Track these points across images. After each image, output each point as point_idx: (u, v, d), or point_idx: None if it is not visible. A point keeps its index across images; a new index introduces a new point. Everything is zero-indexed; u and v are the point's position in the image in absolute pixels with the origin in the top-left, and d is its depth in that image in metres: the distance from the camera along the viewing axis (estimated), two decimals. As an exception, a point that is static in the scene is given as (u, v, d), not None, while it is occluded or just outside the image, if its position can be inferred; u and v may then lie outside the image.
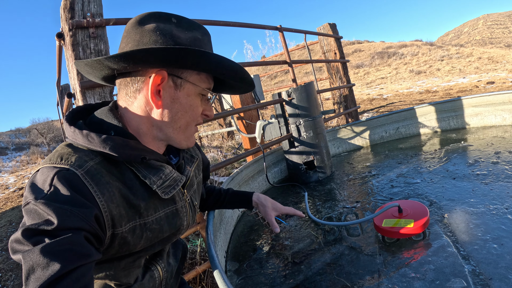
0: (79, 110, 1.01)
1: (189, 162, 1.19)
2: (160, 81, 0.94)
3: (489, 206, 1.71)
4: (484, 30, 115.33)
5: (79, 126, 0.91)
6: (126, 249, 0.93)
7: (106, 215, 0.83)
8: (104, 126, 0.94)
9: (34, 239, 0.71)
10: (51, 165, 0.82)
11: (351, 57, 34.19)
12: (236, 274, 1.64)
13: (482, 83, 12.92)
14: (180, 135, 1.02)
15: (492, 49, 30.16)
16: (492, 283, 1.16)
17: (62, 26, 2.16)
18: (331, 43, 5.86)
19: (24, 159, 19.16)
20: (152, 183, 0.95)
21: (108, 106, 0.99)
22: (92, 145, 0.87)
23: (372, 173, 2.74)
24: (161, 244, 1.07)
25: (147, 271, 1.09)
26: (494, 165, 2.26)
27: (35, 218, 0.73)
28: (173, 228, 1.07)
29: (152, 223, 0.97)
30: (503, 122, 3.34)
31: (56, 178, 0.79)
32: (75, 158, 0.84)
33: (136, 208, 0.92)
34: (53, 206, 0.74)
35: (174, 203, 1.06)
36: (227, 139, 8.40)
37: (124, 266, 0.98)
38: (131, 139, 0.94)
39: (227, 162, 2.52)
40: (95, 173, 0.84)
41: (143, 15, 0.97)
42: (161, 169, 0.99)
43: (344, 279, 1.39)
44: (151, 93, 0.93)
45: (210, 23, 2.84)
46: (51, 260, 0.68)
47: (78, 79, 2.05)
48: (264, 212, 1.60)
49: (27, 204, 0.76)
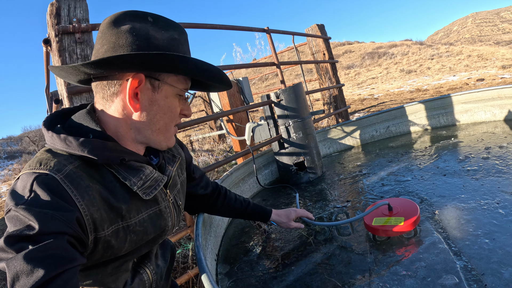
0: (57, 114, 0.99)
1: (171, 162, 1.18)
2: (137, 84, 0.93)
3: (480, 202, 1.69)
4: (473, 28, 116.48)
5: (57, 130, 0.90)
6: (111, 253, 0.91)
7: (87, 219, 0.82)
8: (82, 130, 0.92)
9: (17, 246, 0.70)
10: (31, 171, 0.81)
11: (341, 58, 34.35)
12: (227, 277, 1.61)
13: (472, 81, 13.03)
14: (159, 136, 1.02)
15: (482, 47, 30.46)
16: (484, 278, 1.14)
17: (49, 32, 2.15)
18: (319, 44, 5.86)
19: (16, 167, 19.00)
20: (132, 185, 0.94)
21: (86, 109, 0.98)
22: (70, 149, 0.85)
23: (363, 172, 2.73)
24: (147, 246, 1.06)
25: (136, 275, 1.07)
26: (484, 161, 2.25)
27: (17, 225, 0.73)
28: (158, 229, 1.05)
29: (135, 225, 0.96)
30: (493, 117, 3.35)
31: (35, 183, 0.78)
32: (54, 162, 0.83)
33: (117, 210, 0.90)
34: (34, 211, 0.73)
35: (157, 204, 1.05)
36: (219, 143, 8.39)
37: (111, 271, 0.96)
38: (110, 141, 0.92)
39: (217, 164, 2.50)
40: (74, 177, 0.83)
41: (118, 14, 0.94)
42: (141, 170, 0.98)
43: (335, 278, 1.37)
44: (129, 97, 0.92)
45: (197, 26, 2.82)
46: (35, 267, 0.67)
47: (65, 85, 2.04)
48: (285, 226, 1.71)
49: (8, 212, 0.76)
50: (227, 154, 6.93)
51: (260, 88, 30.91)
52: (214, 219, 1.99)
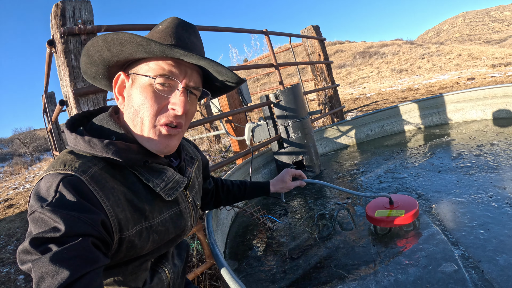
0: (78, 117, 1.01)
1: (190, 164, 1.20)
2: (120, 83, 0.97)
3: (474, 196, 1.79)
4: (463, 28, 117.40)
5: (80, 132, 0.92)
6: (133, 252, 0.94)
7: (113, 220, 0.84)
8: (105, 132, 0.95)
9: (42, 248, 0.71)
10: (55, 171, 0.82)
11: (333, 58, 34.45)
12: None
13: (463, 80, 13.19)
14: (143, 137, 0.95)
15: (472, 46, 30.75)
16: (481, 265, 1.24)
17: (53, 33, 2.14)
18: (315, 45, 5.95)
19: (7, 170, 18.78)
20: (155, 186, 0.96)
21: (108, 112, 1.00)
22: (94, 151, 0.87)
23: (360, 170, 2.81)
24: (166, 246, 1.09)
25: (154, 274, 1.10)
26: (477, 158, 2.35)
27: (42, 226, 0.73)
28: (178, 229, 1.08)
29: (158, 225, 0.98)
30: (484, 116, 3.46)
31: (61, 184, 0.78)
32: (78, 164, 0.84)
33: (141, 211, 0.93)
34: (60, 213, 0.74)
35: (177, 205, 1.07)
36: (214, 143, 8.43)
37: (131, 270, 0.99)
38: (133, 143, 0.95)
39: (219, 165, 2.56)
40: (99, 178, 0.85)
41: None
42: (163, 172, 1.00)
43: (342, 270, 1.45)
44: (115, 97, 0.97)
45: (198, 29, 2.89)
46: (60, 268, 0.68)
47: (71, 86, 2.04)
48: (286, 189, 1.76)
49: (33, 213, 0.76)
50: (225, 154, 6.98)
51: (253, 88, 30.93)
52: (219, 218, 2.06)
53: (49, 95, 6.50)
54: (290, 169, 1.79)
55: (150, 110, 0.93)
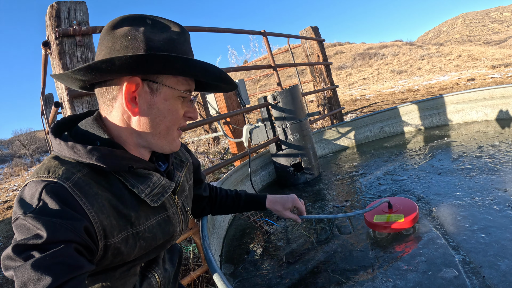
0: (64, 121, 0.99)
1: (179, 167, 1.18)
2: (134, 88, 0.92)
3: (475, 198, 1.76)
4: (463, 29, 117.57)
5: (64, 138, 0.90)
6: (120, 259, 0.92)
7: (97, 226, 0.83)
8: (89, 137, 0.93)
9: (25, 254, 0.71)
10: (39, 178, 0.82)
11: (332, 59, 34.47)
12: (232, 277, 1.65)
13: (463, 80, 13.18)
14: (161, 140, 1.00)
15: (471, 47, 30.77)
16: (482, 271, 1.20)
17: (48, 34, 2.12)
18: (314, 46, 5.92)
19: (7, 171, 18.77)
20: (140, 192, 0.94)
21: (93, 116, 0.98)
22: (78, 157, 0.86)
23: (359, 172, 2.78)
24: (155, 251, 1.07)
25: (144, 279, 1.08)
26: (477, 159, 2.32)
27: (25, 233, 0.73)
28: (167, 235, 1.06)
29: (144, 231, 0.96)
30: (485, 117, 3.43)
31: (44, 191, 0.78)
32: (62, 170, 0.83)
33: (126, 217, 0.91)
34: (42, 220, 0.73)
35: (165, 210, 1.05)
36: (213, 145, 8.40)
37: (119, 275, 0.97)
38: (118, 149, 0.93)
39: (216, 167, 2.53)
40: (83, 185, 0.83)
41: (117, 19, 0.94)
42: (148, 177, 0.98)
43: (339, 275, 1.42)
44: (125, 101, 0.91)
45: (195, 30, 2.86)
46: (42, 274, 0.68)
47: (65, 88, 2.02)
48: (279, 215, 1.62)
49: (16, 220, 0.76)
50: (223, 156, 6.95)
51: (253, 90, 30.92)
52: (216, 220, 2.03)
53: (47, 97, 6.48)
54: (296, 199, 1.66)
55: (176, 119, 1.00)
